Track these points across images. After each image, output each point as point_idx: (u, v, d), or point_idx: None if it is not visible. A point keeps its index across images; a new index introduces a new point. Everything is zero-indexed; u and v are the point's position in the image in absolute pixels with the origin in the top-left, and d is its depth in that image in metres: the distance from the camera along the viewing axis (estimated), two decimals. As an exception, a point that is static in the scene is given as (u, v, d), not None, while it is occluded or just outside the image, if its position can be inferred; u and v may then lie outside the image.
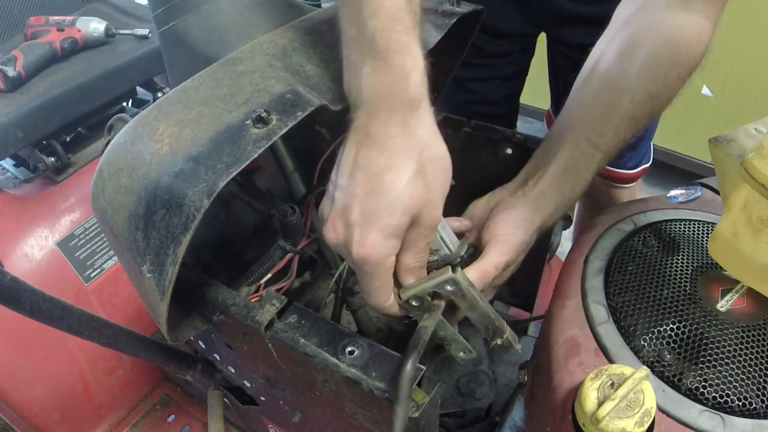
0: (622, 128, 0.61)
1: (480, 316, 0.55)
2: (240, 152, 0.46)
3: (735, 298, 0.53)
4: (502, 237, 0.59)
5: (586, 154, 0.62)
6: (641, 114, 0.61)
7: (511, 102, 1.18)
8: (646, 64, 0.60)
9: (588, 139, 0.61)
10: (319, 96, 0.52)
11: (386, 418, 0.52)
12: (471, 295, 0.53)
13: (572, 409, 0.48)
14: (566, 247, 0.68)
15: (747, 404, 0.47)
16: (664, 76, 0.60)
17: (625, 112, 0.61)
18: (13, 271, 0.75)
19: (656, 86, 0.60)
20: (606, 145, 0.61)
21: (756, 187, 0.46)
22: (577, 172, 0.62)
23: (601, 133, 0.61)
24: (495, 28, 1.00)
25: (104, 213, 0.52)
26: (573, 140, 0.62)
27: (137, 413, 1.19)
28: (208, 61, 0.57)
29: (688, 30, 0.59)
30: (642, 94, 0.60)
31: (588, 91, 0.64)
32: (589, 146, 0.61)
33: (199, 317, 0.60)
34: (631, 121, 0.61)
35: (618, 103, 0.61)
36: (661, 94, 0.60)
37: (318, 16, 0.62)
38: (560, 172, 0.62)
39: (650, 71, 0.60)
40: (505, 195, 0.64)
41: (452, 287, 0.52)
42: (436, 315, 0.52)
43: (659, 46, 0.60)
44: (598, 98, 0.63)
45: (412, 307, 0.53)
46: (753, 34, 1.61)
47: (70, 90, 1.04)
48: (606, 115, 0.61)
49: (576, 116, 0.64)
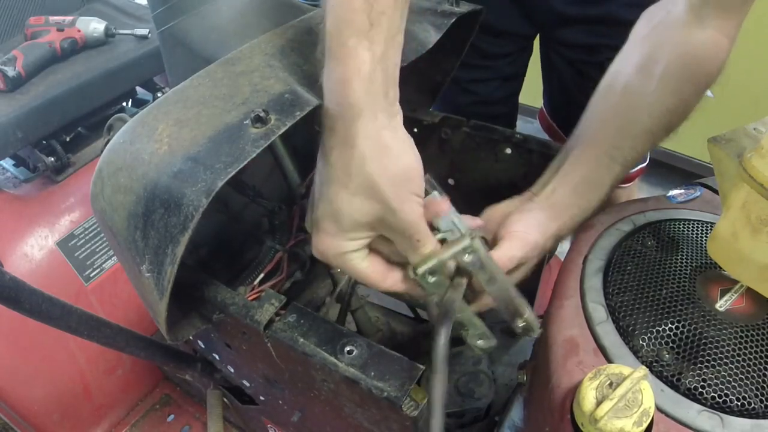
0: (639, 142, 0.62)
1: (500, 291, 0.52)
2: (239, 152, 0.46)
3: (734, 297, 0.53)
4: (518, 233, 0.59)
5: (604, 167, 0.63)
6: (658, 128, 0.62)
7: (511, 102, 1.19)
8: (664, 80, 0.61)
9: (606, 152, 0.62)
10: (318, 96, 0.52)
11: (385, 417, 0.52)
12: (490, 266, 0.50)
13: (571, 409, 0.48)
14: (566, 247, 0.68)
15: (746, 404, 0.47)
16: (681, 91, 0.61)
17: (643, 126, 0.62)
18: (13, 271, 0.75)
19: (673, 101, 0.61)
20: (623, 158, 0.62)
21: (755, 187, 0.46)
22: (594, 184, 0.63)
23: (619, 147, 0.62)
24: (495, 28, 1.00)
25: (103, 213, 0.52)
26: (591, 153, 0.63)
27: (137, 413, 1.19)
28: (208, 61, 0.57)
29: (705, 46, 0.60)
30: (659, 109, 0.61)
31: (606, 105, 0.65)
32: (608, 159, 0.62)
33: (199, 317, 0.60)
34: (648, 135, 0.62)
35: (636, 118, 0.62)
36: (678, 108, 0.61)
37: (317, 16, 0.62)
38: (577, 183, 0.63)
39: (667, 86, 0.61)
40: (519, 203, 0.65)
41: (471, 256, 0.49)
42: (460, 290, 0.50)
43: (676, 62, 0.60)
44: (616, 112, 0.63)
45: (428, 284, 0.50)
46: (753, 34, 1.61)
47: (70, 90, 1.04)
48: (624, 129, 0.62)
49: (594, 129, 0.65)
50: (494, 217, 0.63)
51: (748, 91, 1.72)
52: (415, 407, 0.48)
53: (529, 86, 1.17)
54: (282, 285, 0.74)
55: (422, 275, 0.49)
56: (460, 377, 0.79)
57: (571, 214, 0.62)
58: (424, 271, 0.49)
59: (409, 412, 0.47)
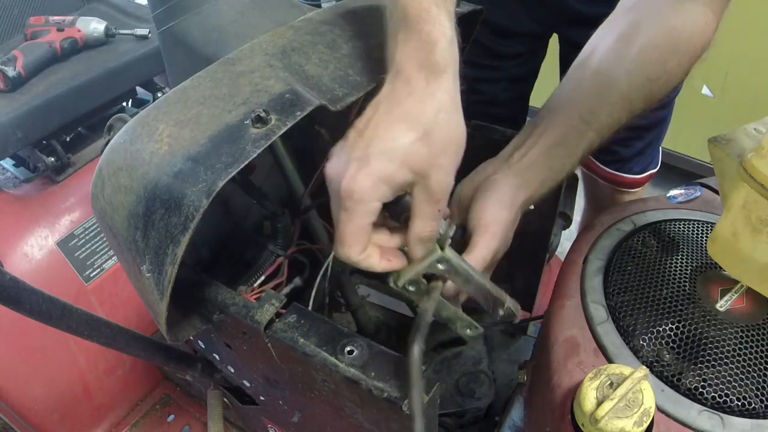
0: (616, 109, 0.61)
1: (476, 289, 0.55)
2: (239, 152, 0.46)
3: (734, 298, 0.53)
4: (489, 225, 0.58)
5: (578, 131, 0.61)
6: (637, 96, 0.61)
7: (519, 104, 1.17)
8: (646, 48, 0.60)
9: (581, 116, 0.61)
10: (319, 96, 0.52)
11: (385, 417, 0.52)
12: (463, 270, 0.53)
13: (571, 409, 0.48)
14: (566, 247, 0.68)
15: (746, 404, 0.47)
16: (664, 61, 0.60)
17: (621, 92, 0.60)
18: (13, 271, 0.75)
19: (655, 70, 0.60)
20: (599, 124, 0.61)
21: (755, 187, 0.46)
22: (567, 148, 0.62)
23: (595, 112, 0.61)
24: (504, 28, 0.99)
25: (103, 213, 0.52)
26: (566, 116, 0.62)
27: (137, 413, 1.19)
28: (208, 60, 0.57)
29: (692, 19, 0.59)
30: (639, 77, 0.60)
31: (585, 71, 0.64)
32: (582, 123, 0.61)
33: (199, 317, 0.60)
34: (626, 103, 0.61)
35: (614, 83, 0.61)
36: (660, 79, 0.60)
37: (317, 17, 0.62)
38: (550, 145, 0.62)
39: (650, 55, 0.60)
40: (490, 171, 0.63)
41: (444, 265, 0.52)
42: (434, 296, 0.53)
43: (661, 31, 0.60)
44: (594, 77, 0.62)
45: (409, 292, 0.53)
46: (753, 34, 1.61)
47: (70, 90, 1.04)
48: (601, 94, 0.61)
49: (571, 93, 0.64)
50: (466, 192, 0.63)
51: (748, 91, 1.72)
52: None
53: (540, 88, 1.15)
54: (281, 290, 0.74)
55: (402, 287, 0.53)
56: (460, 377, 0.79)
57: (541, 180, 0.61)
58: (403, 283, 0.52)
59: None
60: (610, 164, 1.14)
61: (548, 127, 0.62)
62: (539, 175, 0.61)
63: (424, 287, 0.53)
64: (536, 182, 0.61)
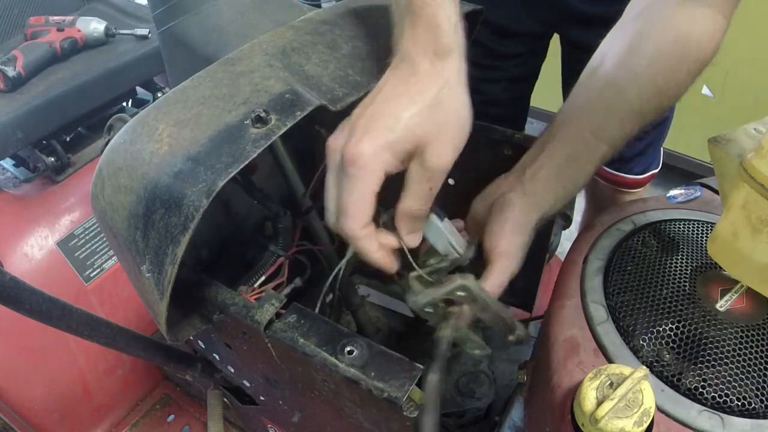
0: (628, 122, 0.60)
1: (492, 317, 0.57)
2: (239, 152, 0.46)
3: (734, 298, 0.53)
4: (504, 253, 0.59)
5: (590, 146, 0.61)
6: (648, 109, 0.60)
7: (519, 104, 1.16)
8: (655, 59, 0.59)
9: (592, 131, 0.61)
10: (319, 96, 0.52)
11: (386, 417, 0.52)
12: (482, 299, 0.54)
13: (571, 409, 0.48)
14: (566, 247, 0.68)
15: (746, 404, 0.47)
16: (673, 71, 0.59)
17: (632, 105, 0.60)
18: (13, 271, 0.75)
19: (665, 81, 0.59)
20: (611, 138, 0.61)
21: (755, 187, 0.46)
22: (579, 163, 0.62)
23: (606, 126, 0.61)
24: (504, 28, 0.99)
25: (103, 213, 0.52)
26: (577, 131, 0.62)
27: (137, 413, 1.19)
28: (208, 61, 0.57)
29: (700, 25, 0.58)
30: (649, 89, 0.59)
31: (595, 83, 0.63)
32: (594, 138, 0.61)
33: (199, 317, 0.60)
34: (637, 116, 0.60)
35: (624, 97, 0.60)
36: (670, 89, 0.60)
37: (317, 17, 0.62)
38: (562, 163, 0.61)
39: (659, 65, 0.59)
40: (504, 188, 0.63)
41: (464, 293, 0.53)
42: (452, 323, 0.55)
43: (669, 40, 0.59)
44: (604, 91, 0.62)
45: (426, 313, 0.56)
46: (753, 34, 1.61)
47: (70, 90, 1.04)
48: (611, 108, 0.61)
49: (581, 107, 0.63)
50: (480, 210, 0.63)
51: (748, 91, 1.72)
52: (415, 408, 0.48)
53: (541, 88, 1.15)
54: (281, 290, 0.74)
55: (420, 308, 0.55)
56: (460, 377, 0.79)
57: (554, 196, 0.62)
58: (422, 306, 0.54)
59: (409, 412, 0.47)
60: (611, 164, 1.14)
61: (560, 143, 0.62)
62: (552, 192, 0.61)
63: (442, 310, 0.55)
64: (549, 201, 0.61)
